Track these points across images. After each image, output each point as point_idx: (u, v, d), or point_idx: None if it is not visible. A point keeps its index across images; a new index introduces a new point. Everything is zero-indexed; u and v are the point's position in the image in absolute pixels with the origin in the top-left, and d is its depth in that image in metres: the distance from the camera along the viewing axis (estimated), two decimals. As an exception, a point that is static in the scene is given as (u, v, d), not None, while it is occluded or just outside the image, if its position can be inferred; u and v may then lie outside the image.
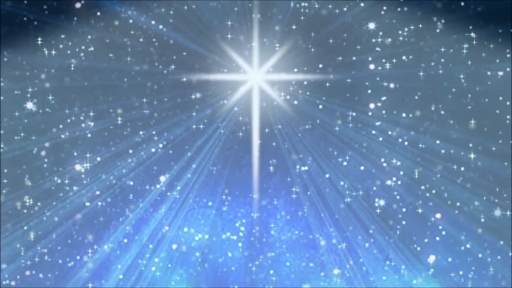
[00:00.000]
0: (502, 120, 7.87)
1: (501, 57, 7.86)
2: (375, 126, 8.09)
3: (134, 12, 7.89)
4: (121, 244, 8.02)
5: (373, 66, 8.06)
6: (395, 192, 8.05)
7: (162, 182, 8.08)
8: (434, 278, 8.02)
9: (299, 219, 8.19)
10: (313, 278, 8.20)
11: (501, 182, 7.93)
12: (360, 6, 7.99)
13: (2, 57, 7.85)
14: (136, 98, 8.03)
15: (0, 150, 7.87)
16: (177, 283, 8.14)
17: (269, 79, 8.09)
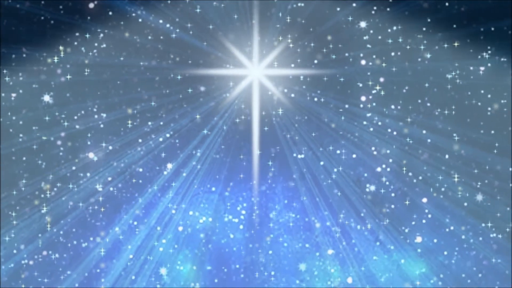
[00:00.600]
0: (483, 111, 8.09)
1: (482, 53, 8.07)
2: (366, 117, 8.31)
3: (143, 12, 8.09)
4: (131, 226, 8.25)
5: (364, 62, 8.28)
6: (384, 178, 8.26)
7: (169, 169, 8.31)
8: (420, 257, 8.24)
9: (296, 202, 8.44)
10: (309, 258, 8.42)
11: (483, 169, 8.14)
12: (352, 6, 8.17)
13: (21, 53, 7.95)
14: (145, 92, 8.25)
15: (19, 140, 7.95)
16: (182, 262, 8.37)
17: (268, 74, 8.30)
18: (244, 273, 8.45)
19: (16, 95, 8.06)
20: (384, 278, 8.35)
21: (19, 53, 8.00)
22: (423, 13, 8.18)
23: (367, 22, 8.28)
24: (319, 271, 8.46)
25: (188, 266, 8.42)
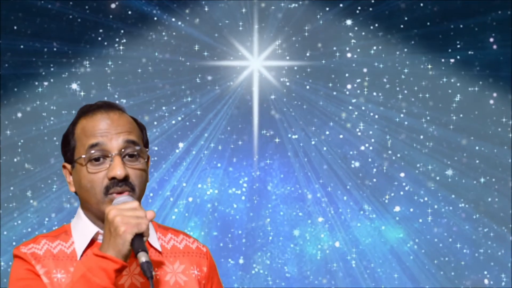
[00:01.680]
0: (452, 97, 8.66)
1: (452, 47, 8.58)
2: (351, 103, 8.82)
3: (158, 11, 8.59)
4: (147, 197, 8.75)
5: (350, 55, 8.76)
6: (367, 155, 8.85)
7: (180, 147, 8.85)
8: (398, 224, 8.80)
9: (291, 177, 8.98)
10: (302, 225, 8.96)
11: (452, 148, 8.67)
12: (339, 6, 8.63)
13: (52, 47, 8.45)
14: (159, 81, 8.75)
15: (51, 122, 8.46)
16: (192, 228, 8.94)
17: (266, 65, 8.80)
18: (245, 238, 8.96)
19: (47, 83, 8.49)
20: (367, 242, 8.82)
21: (50, 47, 8.41)
22: (401, 13, 8.61)
23: (352, 20, 8.70)
24: (310, 236, 8.95)
25: (197, 232, 8.94)
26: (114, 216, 1.88)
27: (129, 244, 1.86)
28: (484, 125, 8.68)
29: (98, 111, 2.21)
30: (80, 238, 2.16)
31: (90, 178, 2.11)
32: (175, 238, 2.37)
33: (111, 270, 1.85)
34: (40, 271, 2.05)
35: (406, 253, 8.83)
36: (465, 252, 8.75)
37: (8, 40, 8.41)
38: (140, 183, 2.18)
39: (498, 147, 8.68)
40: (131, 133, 2.18)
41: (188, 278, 2.23)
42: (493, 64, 8.64)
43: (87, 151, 2.11)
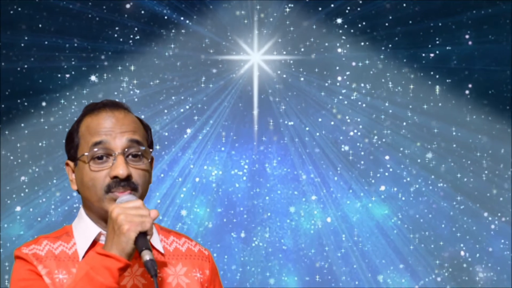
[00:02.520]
0: (432, 88, 8.98)
1: (431, 43, 8.93)
2: (342, 93, 9.18)
3: (168, 11, 8.93)
4: (159, 178, 9.14)
5: (340, 50, 9.12)
6: (356, 140, 9.20)
7: (188, 133, 9.19)
8: (384, 202, 9.17)
9: (287, 159, 9.34)
10: (297, 202, 9.32)
11: (431, 133, 9.01)
12: (331, 6, 8.99)
13: (73, 43, 8.73)
14: (169, 73, 9.10)
15: (71, 110, 8.76)
16: (199, 205, 9.29)
17: (265, 59, 9.18)
18: (246, 214, 9.31)
19: (69, 75, 8.80)
20: (355, 218, 9.20)
21: (71, 43, 8.73)
22: (386, 12, 8.97)
23: (342, 19, 9.04)
24: (305, 213, 9.32)
25: (203, 209, 9.30)
26: (117, 215, 1.82)
27: (132, 242, 1.81)
28: (461, 113, 9.00)
29: (103, 109, 2.15)
30: (82, 239, 2.09)
31: (92, 176, 2.03)
32: (177, 240, 2.28)
33: (115, 269, 1.79)
34: (42, 271, 1.99)
35: (391, 227, 9.20)
36: (443, 227, 9.10)
37: (34, 37, 8.70)
38: (143, 183, 2.10)
39: (473, 133, 9.02)
40: (135, 132, 2.11)
41: (190, 280, 2.17)
42: (468, 58, 8.98)
43: (90, 148, 2.05)
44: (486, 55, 9.02)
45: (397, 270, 9.27)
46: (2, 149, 8.77)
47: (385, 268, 9.28)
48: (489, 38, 8.96)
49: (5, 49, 8.71)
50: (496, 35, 8.96)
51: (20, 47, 8.74)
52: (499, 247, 9.13)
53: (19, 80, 8.77)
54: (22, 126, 8.78)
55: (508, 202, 9.13)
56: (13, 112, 8.79)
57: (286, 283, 9.42)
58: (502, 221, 9.09)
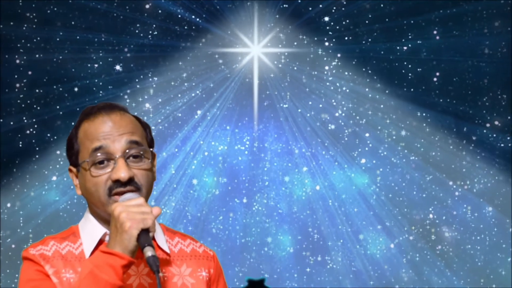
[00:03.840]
0: (405, 75, 9.32)
1: (405, 38, 9.26)
2: (329, 80, 9.53)
3: (181, 10, 9.24)
4: (173, 152, 9.44)
5: (327, 43, 9.44)
6: (340, 120, 9.54)
7: (198, 114, 9.55)
8: (364, 173, 9.58)
9: (282, 136, 9.71)
10: (291, 173, 9.74)
11: (405, 114, 9.35)
12: (319, 6, 9.29)
13: (101, 38, 9.03)
14: (182, 63, 9.41)
15: (99, 94, 9.00)
16: (207, 176, 9.68)
17: (264, 51, 9.53)
18: (248, 183, 9.75)
19: (97, 65, 9.10)
20: (340, 186, 9.60)
21: (99, 38, 9.02)
22: (366, 11, 9.31)
23: (329, 17, 9.40)
24: (297, 182, 9.73)
25: (211, 178, 9.70)
26: (119, 213, 1.71)
27: (135, 239, 1.70)
28: (429, 97, 9.36)
29: (99, 113, 1.98)
30: (88, 239, 1.96)
31: (94, 181, 1.90)
32: (182, 242, 2.14)
33: (119, 266, 1.69)
34: (49, 271, 1.89)
35: (370, 194, 9.66)
36: (415, 193, 9.54)
37: (67, 33, 9.02)
38: (146, 182, 1.94)
39: (440, 114, 9.39)
40: (134, 133, 1.96)
41: (195, 280, 2.03)
42: (436, 50, 9.33)
43: (90, 154, 1.90)
44: (451, 48, 9.35)
45: (375, 230, 9.72)
46: (41, 127, 9.10)
47: (365, 229, 9.72)
48: (453, 33, 9.30)
49: (43, 43, 8.98)
50: (460, 30, 9.29)
51: (56, 41, 9.03)
52: (462, 211, 9.55)
53: (55, 69, 9.05)
54: (58, 108, 9.09)
55: (470, 173, 9.49)
56: (50, 96, 9.09)
57: (281, 241, 9.85)
58: (464, 189, 9.51)
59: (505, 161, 9.47)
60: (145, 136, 2.03)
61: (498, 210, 9.52)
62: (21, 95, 9.10)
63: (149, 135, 2.06)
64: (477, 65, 9.39)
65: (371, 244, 9.77)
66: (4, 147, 9.05)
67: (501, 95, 9.45)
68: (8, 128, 9.14)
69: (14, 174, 9.11)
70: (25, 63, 9.05)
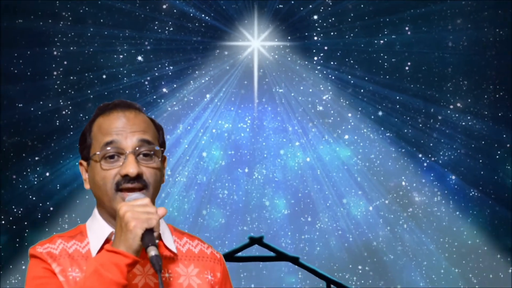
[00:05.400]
0: (382, 64, 9.79)
1: (381, 33, 9.76)
2: (317, 68, 10.01)
3: (193, 9, 9.69)
4: (186, 129, 9.87)
5: (316, 38, 9.88)
6: (327, 102, 10.07)
7: (207, 97, 10.00)
8: (347, 147, 10.11)
9: (278, 116, 10.17)
10: (285, 147, 10.21)
11: (381, 97, 9.82)
12: (309, 6, 9.73)
13: (125, 33, 9.40)
14: (194, 54, 9.84)
15: (123, 81, 9.48)
16: (215, 149, 10.13)
17: (263, 44, 9.93)
18: (249, 155, 10.19)
19: (122, 56, 9.55)
20: (327, 158, 10.09)
21: (124, 33, 9.50)
22: (349, 11, 9.77)
23: (317, 16, 9.84)
24: (291, 154, 10.21)
25: (217, 151, 10.16)
26: (124, 212, 1.61)
27: (139, 239, 1.59)
28: (402, 83, 9.87)
29: (115, 109, 1.86)
30: (95, 238, 1.84)
31: (103, 175, 1.77)
32: (191, 242, 1.99)
33: (123, 265, 1.59)
34: (56, 269, 1.76)
35: (352, 165, 10.15)
36: (390, 164, 10.08)
37: (97, 29, 9.50)
38: (154, 181, 1.81)
39: (411, 98, 9.90)
40: (146, 132, 1.83)
41: (201, 281, 1.88)
42: (407, 44, 9.83)
43: (102, 148, 1.78)
44: (420, 42, 9.79)
45: (356, 195, 10.21)
46: (75, 109, 9.53)
47: (348, 194, 10.19)
48: (422, 30, 9.76)
49: (76, 37, 9.47)
50: (428, 27, 9.75)
51: (87, 36, 9.49)
52: (429, 179, 10.05)
53: (86, 60, 9.52)
54: (89, 92, 9.55)
55: (436, 147, 9.97)
56: (82, 82, 9.54)
57: (277, 204, 10.31)
58: (431, 160, 9.98)
59: (466, 137, 9.90)
60: (157, 137, 1.88)
61: (460, 178, 9.96)
62: (58, 81, 9.56)
63: (161, 137, 1.90)
64: (442, 56, 9.82)
65: (353, 206, 10.17)
66: (43, 126, 9.52)
67: (463, 82, 9.91)
68: (47, 109, 9.57)
69: (52, 148, 9.57)
70: (61, 54, 9.50)
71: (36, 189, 9.56)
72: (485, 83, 9.77)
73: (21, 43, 9.37)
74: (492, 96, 9.77)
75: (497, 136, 9.81)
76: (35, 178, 9.56)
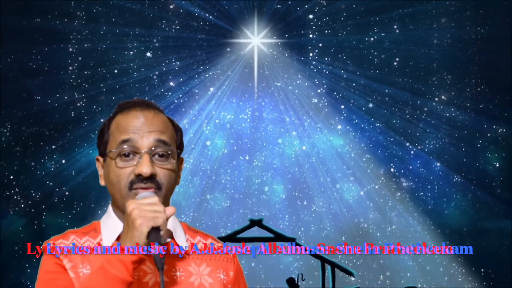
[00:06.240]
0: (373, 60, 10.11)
1: (372, 31, 10.08)
2: (313, 64, 10.42)
3: (197, 9, 10.05)
4: (192, 120, 10.14)
5: (311, 35, 10.30)
6: (322, 95, 10.41)
7: (211, 90, 10.41)
8: (340, 136, 10.51)
9: (276, 107, 10.55)
10: (283, 136, 10.65)
11: (372, 90, 10.16)
12: (305, 7, 10.07)
13: (135, 31, 9.68)
14: (199, 51, 10.23)
15: (134, 75, 9.76)
16: (218, 138, 10.48)
17: (262, 42, 10.34)
18: (249, 144, 10.60)
19: (132, 53, 9.87)
20: (322, 146, 10.48)
21: (134, 31, 9.80)
22: (342, 11, 10.16)
23: (312, 15, 10.25)
24: (288, 143, 10.65)
25: (220, 140, 10.56)
26: (132, 210, 1.50)
27: (145, 237, 1.48)
28: (391, 76, 10.17)
29: (134, 108, 1.69)
30: (108, 234, 1.71)
31: (117, 172, 1.63)
32: (204, 241, 1.83)
33: (129, 262, 1.49)
34: (67, 265, 1.65)
35: (345, 153, 10.49)
36: (379, 152, 10.37)
37: (109, 27, 9.82)
38: (168, 182, 1.65)
39: (399, 91, 10.21)
40: (163, 133, 1.66)
41: (213, 280, 1.74)
42: (396, 41, 10.18)
43: (118, 146, 1.62)
44: (408, 39, 10.14)
45: (349, 180, 10.52)
46: (88, 101, 9.84)
47: (341, 179, 10.52)
48: (409, 28, 10.09)
49: (90, 35, 9.78)
50: (414, 26, 10.08)
51: (100, 34, 9.81)
52: (416, 166, 10.38)
53: (99, 55, 9.83)
54: (101, 86, 9.85)
55: (422, 136, 10.29)
56: (95, 76, 9.86)
57: (275, 189, 10.65)
58: (418, 149, 10.30)
59: (449, 127, 10.22)
60: (175, 139, 1.74)
61: (444, 165, 10.28)
62: (73, 75, 9.90)
63: (179, 138, 1.77)
64: (428, 52, 10.14)
65: (345, 191, 10.51)
66: (59, 117, 9.84)
67: (447, 76, 10.24)
68: (63, 102, 9.90)
69: (67, 137, 9.90)
70: (76, 51, 9.85)
71: (53, 175, 9.83)
72: (467, 78, 10.06)
73: (39, 40, 9.64)
74: (473, 90, 10.06)
75: (479, 126, 10.05)
76: (52, 165, 9.83)
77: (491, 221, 9.97)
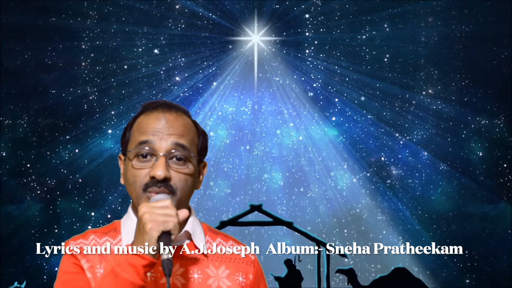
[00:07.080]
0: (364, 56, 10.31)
1: (363, 30, 10.31)
2: (309, 60, 10.68)
3: (201, 9, 10.30)
4: (196, 112, 10.36)
5: (307, 34, 10.52)
6: (317, 89, 10.61)
7: (214, 84, 10.65)
8: (334, 127, 10.69)
9: (275, 101, 10.82)
10: (281, 127, 10.90)
11: (364, 85, 10.37)
12: (302, 7, 10.31)
13: (143, 29, 9.85)
14: (203, 48, 10.51)
15: (142, 70, 10.00)
16: (220, 129, 10.76)
17: (262, 39, 10.61)
18: (250, 135, 10.88)
19: (140, 49, 10.17)
20: (317, 136, 10.71)
21: (142, 29, 10.07)
22: (336, 10, 10.39)
23: (308, 15, 10.49)
24: (286, 133, 10.87)
25: (223, 131, 10.87)
26: (143, 213, 1.46)
27: (155, 241, 1.43)
28: (381, 72, 10.40)
29: (156, 109, 1.65)
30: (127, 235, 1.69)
31: (134, 173, 1.60)
32: (224, 243, 1.78)
33: (139, 266, 1.44)
34: (85, 265, 1.64)
35: (338, 143, 10.72)
36: (371, 142, 10.61)
37: (119, 26, 10.12)
38: (183, 187, 1.61)
39: (389, 85, 10.46)
40: (183, 136, 1.62)
41: (232, 283, 1.70)
42: (386, 39, 10.40)
43: (136, 146, 1.60)
44: (397, 37, 10.38)
45: (342, 169, 10.77)
46: (100, 94, 10.09)
47: (335, 168, 10.76)
48: (399, 27, 10.34)
49: (101, 33, 10.06)
50: (403, 24, 10.31)
51: (111, 32, 10.09)
52: (405, 155, 10.61)
53: (110, 52, 10.12)
54: (112, 80, 10.12)
55: (411, 127, 10.52)
56: (106, 71, 10.13)
57: (274, 176, 10.93)
58: (407, 139, 10.56)
59: (436, 119, 10.47)
60: (196, 143, 1.68)
61: (431, 154, 10.52)
62: (85, 71, 10.16)
63: (201, 143, 1.70)
64: (416, 49, 10.39)
65: (339, 179, 10.77)
66: (73, 109, 10.12)
67: (433, 71, 10.47)
68: (76, 95, 10.15)
69: (80, 128, 10.15)
70: (88, 48, 10.12)
71: (67, 163, 10.08)
72: (452, 73, 10.28)
73: (54, 38, 9.92)
74: (458, 84, 10.29)
75: (463, 118, 10.28)
76: (66, 154, 10.10)
77: (474, 206, 10.15)
